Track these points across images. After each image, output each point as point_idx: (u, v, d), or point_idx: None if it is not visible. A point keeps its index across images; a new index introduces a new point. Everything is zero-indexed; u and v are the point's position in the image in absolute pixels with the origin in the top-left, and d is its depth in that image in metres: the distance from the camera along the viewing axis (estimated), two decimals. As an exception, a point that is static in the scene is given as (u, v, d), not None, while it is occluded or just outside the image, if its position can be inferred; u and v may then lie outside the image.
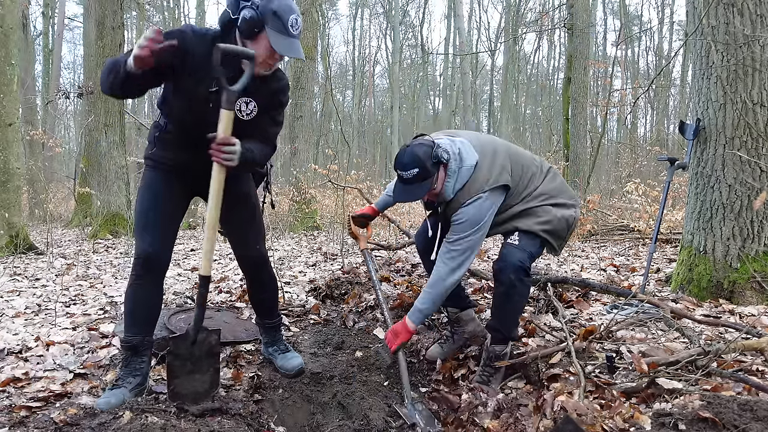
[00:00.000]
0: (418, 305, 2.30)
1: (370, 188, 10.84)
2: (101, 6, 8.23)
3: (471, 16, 29.86)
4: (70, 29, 22.60)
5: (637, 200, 7.08)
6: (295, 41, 1.88)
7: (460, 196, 2.21)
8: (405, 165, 2.15)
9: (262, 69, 1.94)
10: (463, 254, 2.20)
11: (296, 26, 1.87)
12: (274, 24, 1.83)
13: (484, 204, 2.19)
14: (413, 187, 2.18)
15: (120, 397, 1.94)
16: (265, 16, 1.83)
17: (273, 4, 1.83)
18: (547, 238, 2.29)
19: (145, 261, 2.02)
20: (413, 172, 2.14)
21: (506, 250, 2.25)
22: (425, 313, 2.31)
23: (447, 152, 2.18)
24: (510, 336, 2.33)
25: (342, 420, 2.18)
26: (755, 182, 2.98)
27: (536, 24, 17.54)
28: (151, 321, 2.14)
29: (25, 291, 3.86)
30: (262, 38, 1.86)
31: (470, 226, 2.18)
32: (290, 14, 1.85)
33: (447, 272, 2.22)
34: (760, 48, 2.97)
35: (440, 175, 2.20)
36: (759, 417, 1.50)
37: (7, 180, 5.82)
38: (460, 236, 2.19)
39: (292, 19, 1.85)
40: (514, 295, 2.22)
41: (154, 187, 2.08)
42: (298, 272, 4.71)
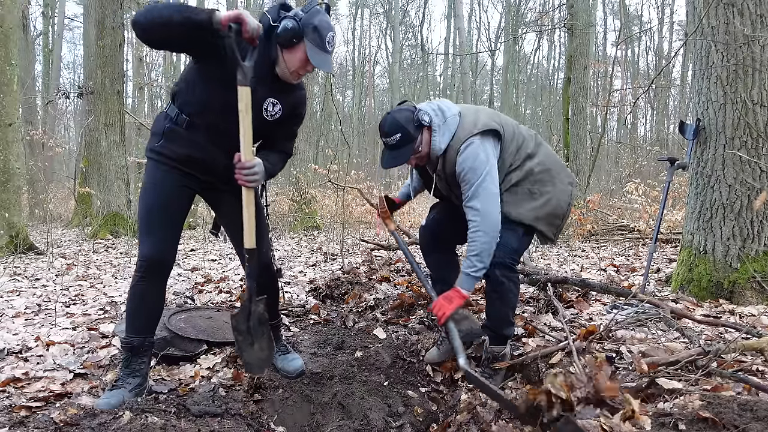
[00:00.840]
0: (467, 270, 2.15)
1: (370, 188, 10.84)
2: (101, 6, 8.23)
3: (471, 16, 29.89)
4: (70, 29, 22.59)
5: (637, 200, 7.09)
6: (329, 57, 1.96)
7: (453, 145, 2.19)
8: (387, 132, 2.18)
9: (292, 78, 2.02)
10: (486, 201, 2.11)
11: (332, 43, 1.95)
12: (313, 38, 1.90)
13: (480, 147, 2.15)
14: (397, 152, 2.19)
15: (120, 398, 1.94)
16: (306, 28, 1.90)
17: (315, 19, 1.90)
18: (537, 226, 2.23)
19: (150, 263, 2.00)
20: (396, 137, 2.16)
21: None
22: (477, 275, 2.16)
23: (427, 113, 2.19)
24: (505, 335, 2.32)
25: (342, 420, 2.18)
26: (755, 182, 2.98)
27: (536, 24, 17.54)
28: (153, 322, 2.12)
29: (25, 291, 3.86)
30: (298, 49, 1.93)
31: (476, 172, 2.11)
32: (329, 31, 1.93)
33: (481, 224, 2.11)
34: (760, 48, 2.97)
35: (424, 137, 2.20)
36: (759, 417, 1.50)
37: (7, 180, 5.82)
38: (473, 186, 2.11)
39: (329, 36, 1.93)
40: (504, 292, 2.23)
41: (159, 186, 2.04)
42: (298, 272, 4.71)
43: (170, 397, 2.07)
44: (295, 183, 9.66)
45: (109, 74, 8.12)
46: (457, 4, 15.87)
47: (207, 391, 2.15)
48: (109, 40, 8.12)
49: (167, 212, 2.04)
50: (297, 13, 1.91)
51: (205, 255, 5.97)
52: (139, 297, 2.05)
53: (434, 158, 2.26)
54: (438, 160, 2.26)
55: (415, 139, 2.17)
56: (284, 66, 1.98)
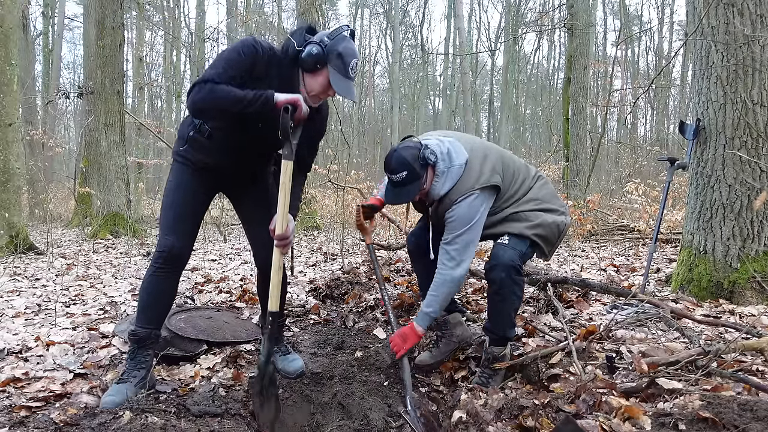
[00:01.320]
0: (425, 309, 2.29)
1: (370, 188, 10.84)
2: (101, 6, 8.23)
3: (471, 16, 29.90)
4: (70, 29, 22.61)
5: (637, 200, 7.09)
6: (351, 83, 1.98)
7: (451, 195, 2.22)
8: (393, 169, 2.19)
9: (312, 101, 2.03)
10: (461, 252, 2.21)
11: (355, 70, 1.97)
12: (336, 64, 1.92)
13: (475, 202, 2.20)
14: (403, 189, 2.21)
15: (124, 394, 1.97)
16: (330, 55, 1.92)
17: (340, 46, 1.92)
18: (538, 241, 2.29)
19: (169, 255, 2.06)
20: (402, 175, 2.18)
21: (496, 249, 2.26)
22: (432, 315, 2.29)
23: (434, 153, 2.21)
24: (506, 336, 2.33)
25: (342, 420, 2.18)
26: (755, 182, 2.98)
27: (536, 24, 17.55)
28: (162, 315, 2.18)
29: (25, 291, 3.86)
30: (321, 74, 1.95)
31: (463, 223, 2.19)
32: (353, 58, 1.94)
33: (448, 272, 2.22)
34: (760, 48, 2.97)
35: (429, 175, 2.23)
36: (759, 417, 1.50)
37: (7, 180, 5.82)
38: (455, 234, 2.20)
39: (353, 63, 1.95)
40: (508, 294, 2.23)
41: (183, 185, 2.12)
42: (298, 272, 4.71)
43: (170, 397, 2.07)
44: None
45: (109, 74, 8.13)
46: (457, 4, 15.87)
47: (207, 391, 2.15)
48: (109, 40, 8.12)
49: (188, 210, 2.12)
50: (322, 39, 1.93)
51: (205, 255, 5.97)
52: (153, 289, 2.10)
53: (431, 200, 2.32)
54: (433, 203, 2.33)
55: (421, 177, 2.20)
56: (305, 90, 2.00)
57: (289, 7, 23.78)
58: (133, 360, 2.09)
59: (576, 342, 2.33)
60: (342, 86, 1.95)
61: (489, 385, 2.26)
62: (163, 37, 20.09)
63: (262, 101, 1.88)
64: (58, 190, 13.51)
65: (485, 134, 29.23)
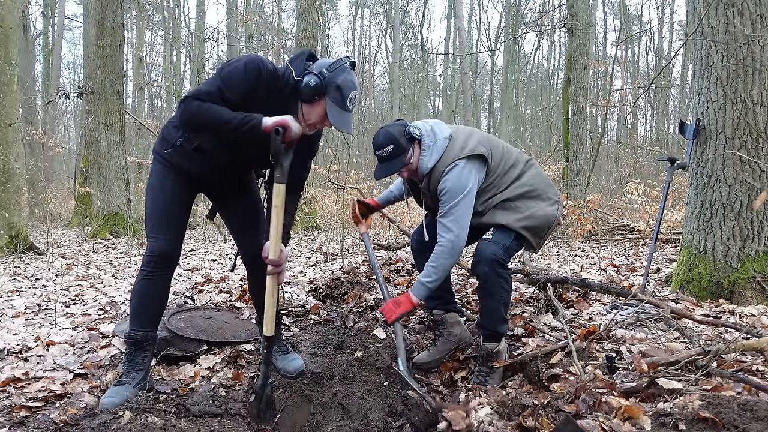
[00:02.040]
0: (422, 278, 2.28)
1: (370, 188, 10.83)
2: (101, 6, 8.23)
3: (471, 16, 29.90)
4: (70, 29, 22.61)
5: (637, 200, 7.09)
6: (349, 116, 1.97)
7: (439, 166, 2.27)
8: (380, 144, 2.27)
9: (308, 130, 2.03)
10: (456, 222, 2.22)
11: (353, 102, 1.95)
12: (334, 96, 1.91)
13: (464, 171, 2.23)
14: (390, 163, 2.28)
15: (123, 395, 1.97)
16: (329, 87, 1.90)
17: (339, 79, 1.90)
18: (524, 234, 2.30)
19: (159, 258, 2.07)
20: (388, 149, 2.25)
21: (480, 245, 2.29)
22: (429, 286, 2.28)
23: (419, 129, 2.29)
24: (498, 331, 2.33)
25: (342, 420, 2.18)
26: (755, 182, 2.98)
27: (536, 24, 17.54)
28: (157, 317, 2.18)
29: (25, 291, 3.86)
30: (319, 105, 1.94)
31: (455, 194, 2.22)
32: (352, 91, 1.93)
33: (448, 242, 2.23)
34: (760, 48, 2.97)
35: (415, 151, 2.29)
36: (759, 417, 1.50)
37: (7, 180, 5.82)
38: (449, 206, 2.23)
39: (351, 95, 1.93)
40: (494, 289, 2.24)
41: (167, 187, 2.11)
42: (298, 272, 4.71)
43: (170, 397, 2.07)
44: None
45: (109, 74, 8.13)
46: (457, 4, 15.87)
47: (207, 391, 2.15)
48: (109, 40, 8.13)
49: (173, 211, 2.13)
50: (321, 71, 1.91)
51: (205, 255, 5.97)
52: (146, 292, 2.11)
53: (420, 176, 2.35)
54: (424, 177, 2.35)
55: (407, 151, 2.27)
56: (302, 118, 1.99)
57: (289, 7, 23.80)
58: (131, 362, 2.09)
59: (576, 342, 2.33)
60: (338, 119, 1.93)
61: (487, 384, 2.26)
62: (163, 37, 20.10)
63: (250, 126, 1.87)
64: (58, 190, 13.51)
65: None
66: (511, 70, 24.64)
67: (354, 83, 1.94)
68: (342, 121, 1.94)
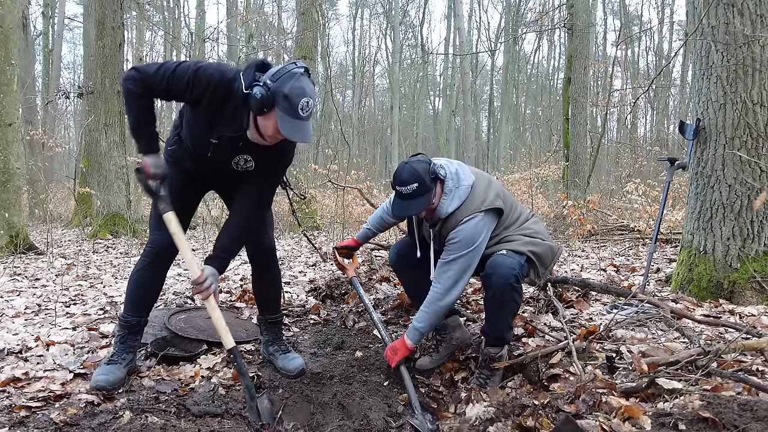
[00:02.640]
0: (416, 324, 2.31)
1: (370, 188, 10.84)
2: (101, 6, 8.23)
3: (471, 16, 29.89)
4: (70, 29, 22.61)
5: (637, 200, 7.08)
6: (303, 123, 1.86)
7: (458, 214, 2.22)
8: (404, 180, 2.17)
9: (268, 141, 1.98)
10: (459, 273, 2.21)
11: (307, 109, 1.84)
12: (283, 106, 1.82)
13: (480, 223, 2.21)
14: (412, 201, 2.20)
15: (117, 375, 2.09)
16: (276, 97, 1.82)
17: (285, 87, 1.81)
18: (533, 258, 2.30)
19: (159, 250, 2.18)
20: (412, 187, 2.16)
21: (496, 258, 2.25)
22: (422, 331, 2.33)
23: (444, 169, 2.24)
24: (504, 338, 2.34)
25: (342, 420, 2.18)
26: (755, 182, 2.98)
27: (536, 24, 17.54)
28: (150, 304, 2.29)
29: (25, 291, 3.86)
30: (270, 117, 1.87)
31: (466, 245, 2.19)
32: (301, 98, 1.82)
33: (444, 291, 2.23)
34: (760, 48, 2.97)
35: (437, 191, 2.23)
36: (759, 417, 1.50)
37: (7, 180, 5.82)
38: (457, 255, 2.20)
39: (303, 103, 1.82)
40: (507, 299, 2.23)
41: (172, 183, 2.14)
42: (298, 272, 4.71)
43: (170, 397, 2.07)
44: (295, 183, 9.67)
45: (109, 74, 8.12)
46: (457, 4, 15.88)
47: (207, 391, 2.15)
48: (109, 40, 8.12)
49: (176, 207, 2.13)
50: (266, 81, 1.83)
51: (205, 255, 5.96)
52: (143, 281, 2.23)
53: (436, 219, 2.31)
54: (438, 221, 2.31)
55: (431, 191, 2.20)
56: (255, 131, 1.97)
57: (289, 7, 23.80)
58: (122, 344, 2.21)
59: (576, 342, 2.33)
60: (290, 129, 1.83)
61: (487, 386, 2.27)
62: (163, 37, 20.11)
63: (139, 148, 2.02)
64: (58, 190, 13.51)
65: (485, 134, 29.25)
66: (511, 70, 24.64)
67: (304, 89, 1.82)
68: (295, 131, 1.84)
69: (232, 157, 2.07)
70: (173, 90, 1.91)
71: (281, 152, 2.10)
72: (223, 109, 1.94)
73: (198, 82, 1.88)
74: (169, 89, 1.91)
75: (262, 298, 2.52)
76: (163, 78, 1.89)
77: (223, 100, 1.92)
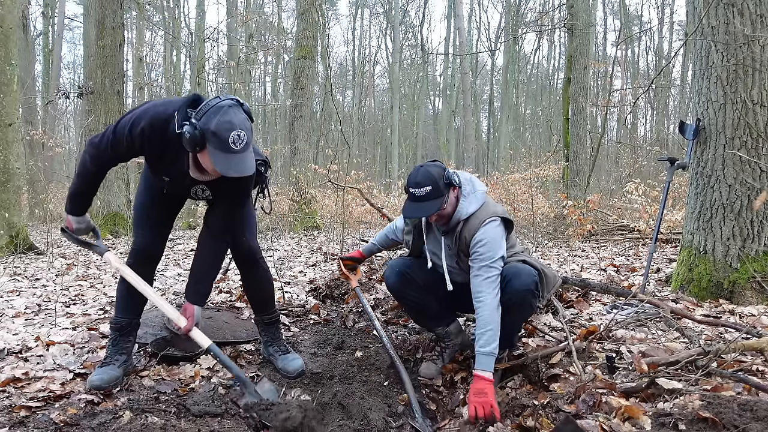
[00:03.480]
0: (488, 348, 2.08)
1: (370, 188, 10.84)
2: (101, 6, 8.23)
3: (471, 16, 29.89)
4: (70, 29, 22.61)
5: (637, 200, 7.08)
6: (238, 156, 1.79)
7: (479, 214, 2.23)
8: (419, 183, 2.18)
9: (213, 176, 1.97)
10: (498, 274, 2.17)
11: (239, 141, 1.77)
12: (213, 142, 1.77)
13: (498, 228, 2.22)
14: (424, 204, 2.19)
15: (111, 374, 2.09)
16: (205, 134, 1.77)
17: (211, 124, 1.75)
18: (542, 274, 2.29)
19: (140, 252, 2.23)
20: (426, 190, 2.17)
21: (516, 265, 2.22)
22: (495, 353, 2.11)
23: (458, 177, 2.26)
24: (512, 342, 2.36)
25: (342, 420, 2.18)
26: (755, 182, 2.98)
27: (536, 24, 17.55)
28: (139, 306, 2.30)
29: (25, 291, 3.86)
30: (204, 154, 1.83)
31: (495, 246, 2.19)
32: (230, 132, 1.75)
33: (495, 296, 2.15)
34: (760, 48, 2.97)
35: (450, 197, 2.23)
36: (759, 417, 1.50)
37: (7, 180, 5.81)
38: (494, 257, 2.17)
39: (233, 136, 1.76)
40: (524, 310, 2.23)
41: (147, 190, 2.23)
42: (298, 272, 4.71)
43: (170, 397, 2.07)
44: (295, 183, 9.66)
45: (109, 74, 8.13)
46: (457, 4, 15.89)
47: (207, 391, 2.15)
48: (109, 40, 8.12)
49: (152, 213, 2.25)
50: (192, 120, 1.79)
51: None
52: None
53: (455, 222, 2.28)
54: (457, 225, 2.28)
55: (443, 195, 2.19)
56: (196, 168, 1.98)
57: (289, 7, 23.81)
58: (115, 346, 2.22)
59: (576, 342, 2.33)
60: (224, 164, 1.78)
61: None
62: (163, 37, 20.10)
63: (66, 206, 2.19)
64: (58, 190, 13.48)
65: (485, 134, 29.25)
66: (511, 70, 24.64)
67: (232, 122, 1.76)
68: (230, 165, 1.79)
69: (188, 190, 2.12)
70: (120, 153, 1.97)
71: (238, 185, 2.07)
72: (165, 152, 1.96)
73: (134, 139, 1.91)
74: (117, 154, 1.98)
75: (251, 299, 2.55)
76: (107, 146, 1.94)
77: (161, 145, 1.92)
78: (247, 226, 2.35)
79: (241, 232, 2.32)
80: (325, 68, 17.63)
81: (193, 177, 2.01)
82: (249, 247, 2.36)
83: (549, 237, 7.65)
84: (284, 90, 23.45)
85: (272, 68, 25.66)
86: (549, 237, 7.65)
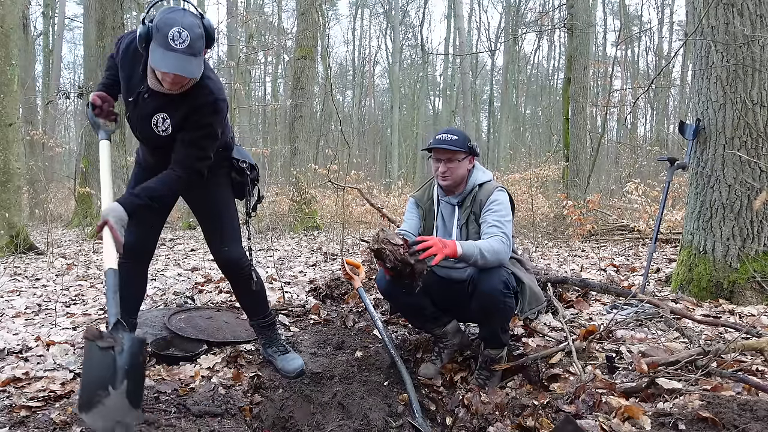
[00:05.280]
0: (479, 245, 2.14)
1: (370, 188, 10.84)
2: (101, 6, 8.22)
3: (471, 16, 29.88)
4: (70, 29, 22.61)
5: (637, 200, 7.08)
6: (175, 54, 1.75)
7: (491, 184, 2.38)
8: (449, 130, 2.35)
9: (170, 88, 1.89)
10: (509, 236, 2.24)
11: (180, 39, 1.74)
12: (157, 39, 1.76)
13: (508, 201, 2.34)
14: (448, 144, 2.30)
15: None
16: (150, 30, 1.77)
17: (156, 19, 1.77)
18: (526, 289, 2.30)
19: (129, 249, 2.15)
20: (453, 137, 2.31)
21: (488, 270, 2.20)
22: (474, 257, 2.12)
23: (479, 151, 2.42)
24: (502, 341, 2.34)
25: (342, 420, 2.18)
26: (755, 182, 2.98)
27: (536, 24, 17.55)
28: (133, 304, 2.28)
29: (25, 291, 3.86)
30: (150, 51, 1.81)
31: (507, 210, 2.30)
32: (170, 28, 1.74)
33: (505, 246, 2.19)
34: (760, 48, 2.97)
35: (467, 162, 2.37)
36: (759, 417, 1.50)
37: (7, 180, 5.81)
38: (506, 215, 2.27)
39: (173, 33, 1.73)
40: (506, 310, 2.22)
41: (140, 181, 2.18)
42: (298, 272, 4.71)
43: (170, 397, 2.07)
44: (295, 183, 9.66)
45: (109, 74, 8.12)
46: (457, 4, 15.89)
47: (207, 391, 2.15)
48: (109, 40, 8.11)
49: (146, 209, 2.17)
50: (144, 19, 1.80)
51: (205, 255, 5.96)
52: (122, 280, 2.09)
53: (470, 187, 2.38)
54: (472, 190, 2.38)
55: (465, 152, 2.33)
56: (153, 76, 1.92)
57: (289, 7, 23.80)
58: None
59: (576, 342, 2.33)
60: (158, 60, 1.75)
61: (487, 386, 2.27)
62: (163, 37, 20.05)
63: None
64: (58, 190, 13.49)
65: (485, 134, 29.24)
66: (511, 70, 24.64)
67: (174, 19, 1.75)
68: (165, 62, 1.75)
69: (149, 118, 2.02)
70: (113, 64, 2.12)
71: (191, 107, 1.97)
72: (134, 68, 1.99)
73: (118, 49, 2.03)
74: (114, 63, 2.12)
75: (242, 306, 2.53)
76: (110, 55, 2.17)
77: (133, 57, 1.98)
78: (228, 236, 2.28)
79: (220, 241, 2.27)
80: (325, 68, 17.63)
81: (151, 87, 1.95)
82: (228, 258, 2.28)
83: (549, 237, 7.65)
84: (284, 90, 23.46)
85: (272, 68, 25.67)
86: (549, 237, 7.65)
